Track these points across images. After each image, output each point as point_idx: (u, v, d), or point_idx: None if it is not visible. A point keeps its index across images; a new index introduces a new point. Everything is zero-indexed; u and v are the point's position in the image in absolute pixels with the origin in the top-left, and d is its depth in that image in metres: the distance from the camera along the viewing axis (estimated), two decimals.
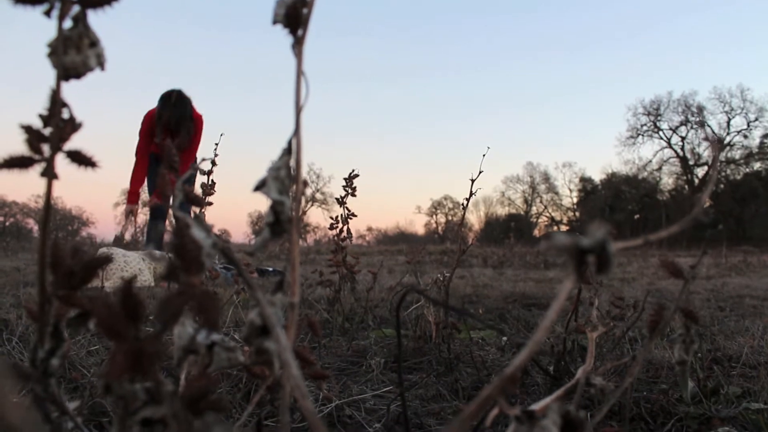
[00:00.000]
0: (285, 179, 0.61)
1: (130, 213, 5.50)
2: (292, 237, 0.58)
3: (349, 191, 3.23)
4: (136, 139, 5.59)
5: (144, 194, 5.78)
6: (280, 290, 0.59)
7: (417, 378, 2.08)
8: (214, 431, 0.40)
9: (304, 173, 0.63)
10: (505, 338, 2.75)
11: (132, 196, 5.48)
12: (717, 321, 3.51)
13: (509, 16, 71.37)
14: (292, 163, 0.61)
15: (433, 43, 74.55)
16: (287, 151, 0.61)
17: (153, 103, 5.71)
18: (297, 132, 0.61)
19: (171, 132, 5.39)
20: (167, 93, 5.46)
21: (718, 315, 3.86)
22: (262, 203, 0.62)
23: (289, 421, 0.52)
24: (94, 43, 0.69)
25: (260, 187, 0.60)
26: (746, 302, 4.75)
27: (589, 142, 73.20)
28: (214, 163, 3.45)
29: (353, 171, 3.20)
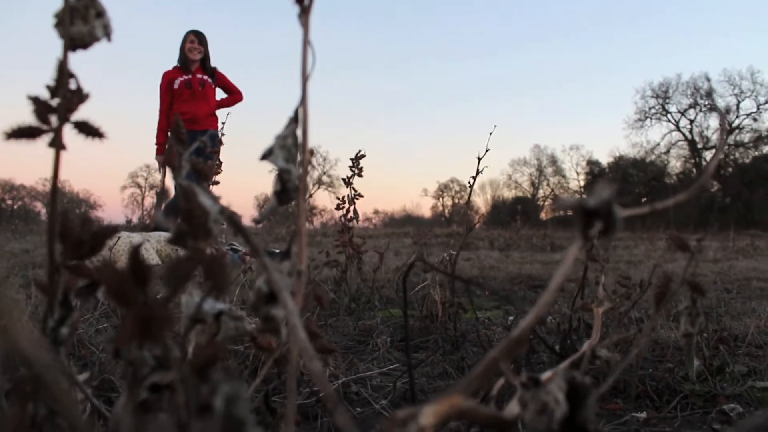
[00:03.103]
0: (292, 148, 0.61)
1: (163, 163, 6.07)
2: (299, 204, 0.58)
3: (356, 171, 3.23)
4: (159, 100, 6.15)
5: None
6: (288, 258, 0.59)
7: (423, 356, 2.10)
8: (221, 388, 0.40)
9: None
10: (511, 317, 2.76)
11: (160, 148, 6.09)
12: (723, 302, 3.50)
13: None
14: (299, 132, 0.62)
15: (439, 26, 74.05)
16: (294, 120, 0.61)
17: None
18: (304, 101, 0.61)
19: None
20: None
21: (724, 297, 3.86)
22: (268, 187, 0.62)
23: (295, 388, 0.53)
24: (101, 13, 0.69)
25: (267, 155, 0.60)
26: (753, 284, 4.74)
27: (597, 125, 72.66)
28: (221, 143, 3.46)
29: (360, 151, 3.20)
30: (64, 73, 0.67)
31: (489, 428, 0.52)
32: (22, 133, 0.65)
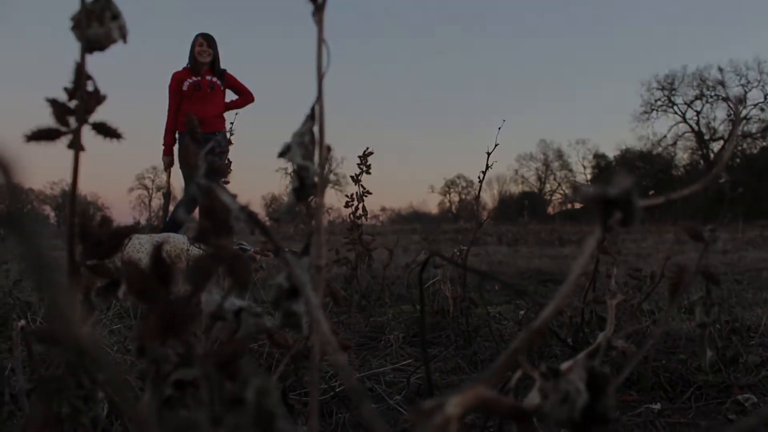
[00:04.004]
0: (309, 145, 0.61)
1: (169, 164, 6.12)
2: (318, 200, 0.59)
3: (364, 169, 3.23)
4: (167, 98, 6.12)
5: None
6: (307, 254, 0.60)
7: (436, 351, 2.10)
8: (252, 382, 0.41)
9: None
10: (522, 312, 2.76)
11: (167, 148, 6.06)
12: (734, 293, 3.50)
13: None
14: (316, 129, 0.62)
15: (444, 23, 73.92)
16: (310, 118, 0.62)
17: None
18: (320, 98, 0.62)
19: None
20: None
21: (735, 288, 3.85)
22: (274, 185, 0.64)
23: (318, 380, 0.53)
24: (116, 15, 0.70)
25: (285, 153, 0.61)
26: (763, 275, 4.73)
27: (603, 119, 72.40)
28: (230, 142, 3.46)
29: (368, 149, 3.20)
30: (81, 75, 0.68)
31: (510, 418, 0.52)
32: (42, 135, 0.66)
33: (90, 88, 0.69)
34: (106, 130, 0.70)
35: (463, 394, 0.45)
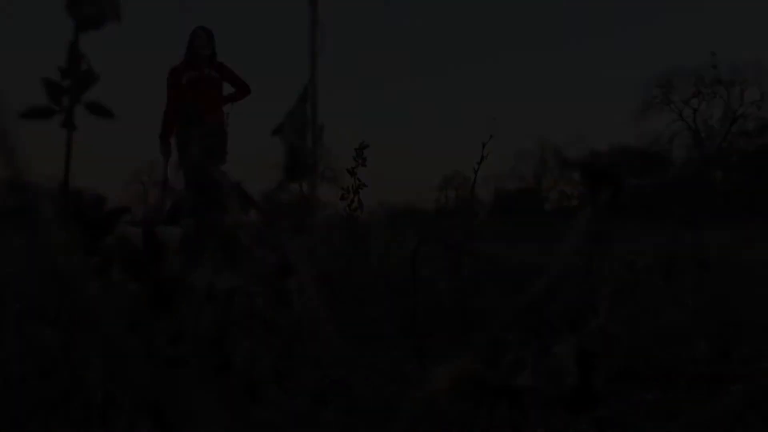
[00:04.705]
0: (302, 125, 0.61)
1: (168, 154, 6.00)
2: (311, 178, 0.59)
3: (360, 162, 3.24)
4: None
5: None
6: (300, 232, 0.60)
7: (430, 342, 2.10)
8: (239, 349, 0.41)
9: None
10: None
11: (165, 142, 5.96)
12: (729, 288, 3.50)
13: None
14: (309, 108, 0.62)
15: (442, 20, 73.85)
16: (303, 97, 0.62)
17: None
18: (312, 79, 0.62)
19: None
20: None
21: (730, 282, 3.85)
22: (271, 180, 0.63)
23: (310, 357, 0.54)
24: None
25: (278, 132, 0.61)
26: (758, 271, 4.74)
27: (600, 116, 72.44)
28: (226, 134, 3.47)
29: (363, 142, 3.21)
30: (75, 53, 0.68)
31: (500, 395, 0.53)
32: (36, 113, 0.66)
33: (84, 67, 0.70)
34: (99, 109, 0.70)
35: (451, 368, 0.45)
